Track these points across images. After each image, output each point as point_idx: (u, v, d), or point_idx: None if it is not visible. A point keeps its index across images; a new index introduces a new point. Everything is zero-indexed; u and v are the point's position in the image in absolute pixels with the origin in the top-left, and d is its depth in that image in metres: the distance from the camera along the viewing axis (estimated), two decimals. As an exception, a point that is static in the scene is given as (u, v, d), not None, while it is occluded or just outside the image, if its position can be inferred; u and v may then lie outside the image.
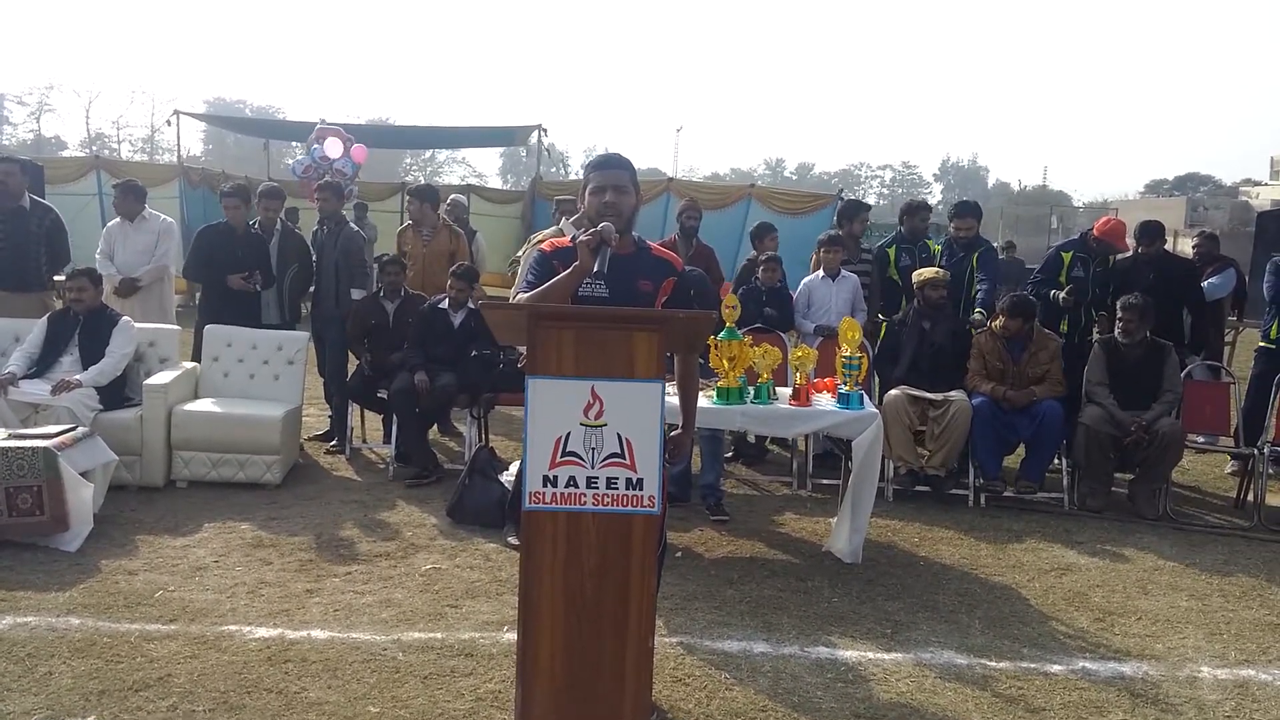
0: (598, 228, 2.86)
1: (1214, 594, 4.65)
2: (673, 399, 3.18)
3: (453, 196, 9.69)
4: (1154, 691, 3.61)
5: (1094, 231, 6.77)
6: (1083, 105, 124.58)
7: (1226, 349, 8.68)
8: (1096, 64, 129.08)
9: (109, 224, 7.07)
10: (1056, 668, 3.77)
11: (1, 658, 3.45)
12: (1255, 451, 5.94)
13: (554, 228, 6.61)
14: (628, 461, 2.59)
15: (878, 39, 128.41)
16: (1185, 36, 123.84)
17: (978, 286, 6.65)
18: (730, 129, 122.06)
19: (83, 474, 4.71)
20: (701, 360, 4.76)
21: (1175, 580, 4.81)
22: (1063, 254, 6.82)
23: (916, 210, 7.40)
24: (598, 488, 2.59)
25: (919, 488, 6.03)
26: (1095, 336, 6.71)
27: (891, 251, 7.16)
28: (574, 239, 2.94)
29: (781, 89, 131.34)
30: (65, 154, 45.50)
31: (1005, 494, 5.95)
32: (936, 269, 6.38)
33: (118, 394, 5.65)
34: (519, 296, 3.08)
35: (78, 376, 5.46)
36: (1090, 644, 4.02)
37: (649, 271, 3.05)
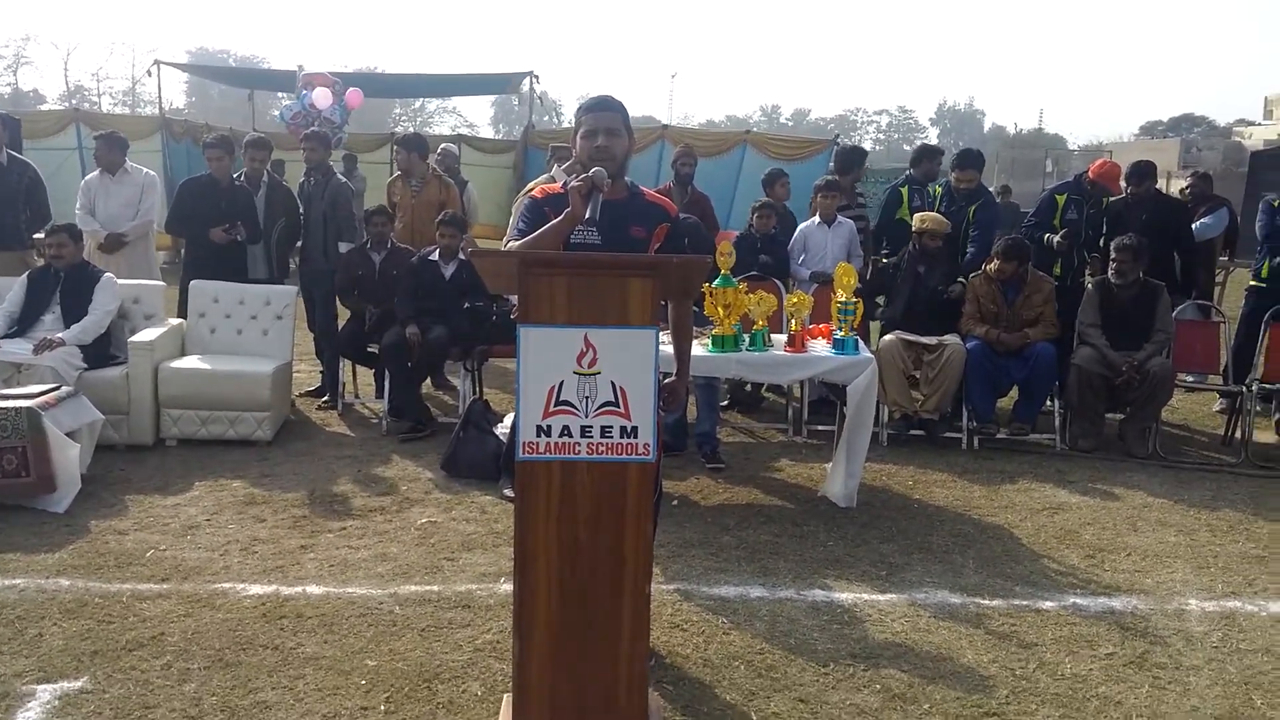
0: (589, 173, 2.79)
1: (1201, 529, 4.69)
2: (667, 347, 3.14)
3: (444, 145, 9.51)
4: (1143, 624, 3.66)
5: (1089, 174, 6.71)
6: (1078, 47, 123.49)
7: (1217, 288, 8.68)
8: (1092, 5, 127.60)
9: (87, 177, 6.92)
10: (1048, 604, 3.80)
11: (-6, 618, 3.43)
12: (1243, 389, 5.95)
13: (545, 175, 6.51)
14: (622, 410, 2.55)
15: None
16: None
17: (969, 247, 6.49)
18: (725, 75, 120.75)
19: (68, 434, 4.66)
20: (696, 308, 4.70)
21: (1164, 516, 4.84)
22: (1056, 197, 6.75)
23: (931, 155, 7.25)
24: (592, 436, 2.55)
25: (913, 432, 6.02)
26: (1088, 278, 6.69)
27: (904, 191, 7.00)
28: (565, 185, 2.87)
29: (777, 34, 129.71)
30: (44, 108, 44.70)
31: (998, 436, 5.96)
32: (939, 217, 6.25)
33: (103, 352, 5.57)
34: (509, 245, 3.02)
35: (60, 335, 5.38)
36: (1081, 580, 4.06)
37: (642, 217, 2.99)
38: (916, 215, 6.31)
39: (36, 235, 6.65)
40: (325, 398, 6.64)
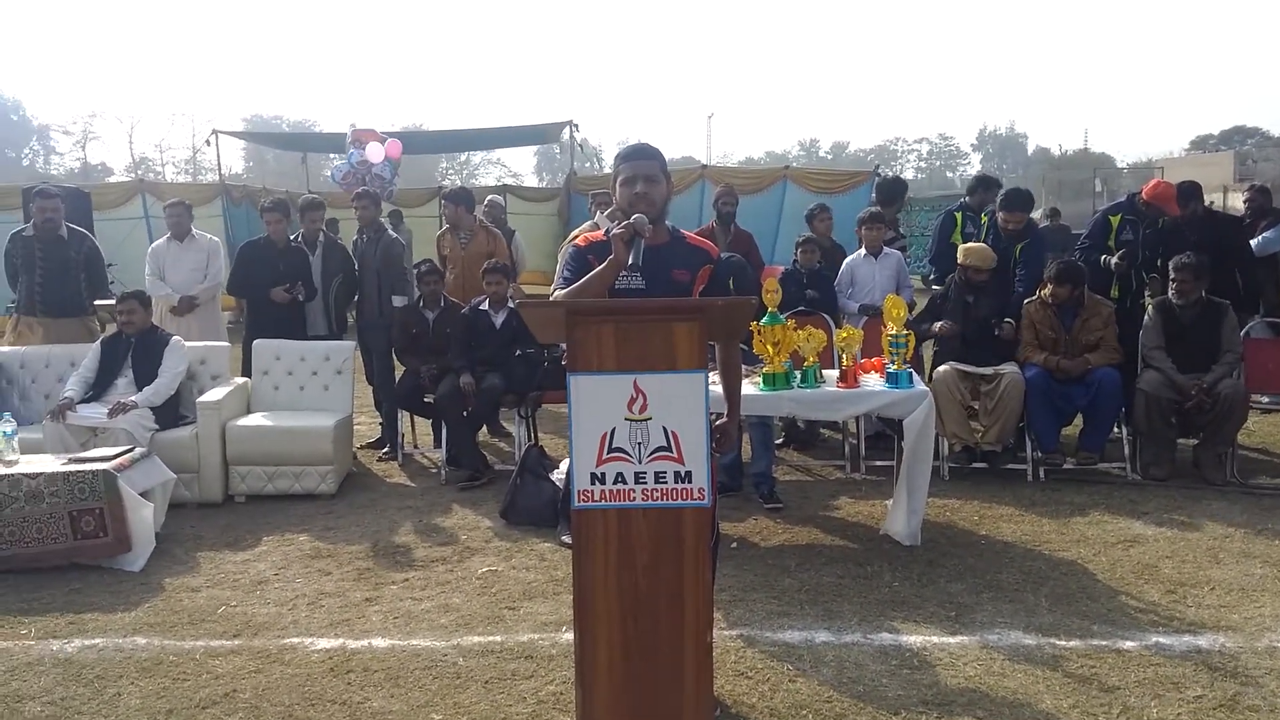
0: (630, 219, 2.83)
1: (1289, 559, 4.50)
2: (716, 388, 3.14)
3: (490, 198, 9.69)
4: (1232, 664, 3.49)
5: (1143, 195, 6.58)
6: (1120, 64, 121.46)
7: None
8: (1131, 20, 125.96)
9: (154, 244, 7.22)
10: (1129, 644, 3.66)
11: (71, 681, 3.52)
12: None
13: (589, 222, 6.59)
14: (675, 454, 2.56)
15: (907, 11, 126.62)
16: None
17: (1018, 286, 6.33)
18: (762, 112, 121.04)
19: (142, 494, 4.80)
20: (745, 346, 4.70)
21: (1247, 547, 4.66)
22: (1110, 218, 6.64)
23: (988, 185, 7.15)
24: (646, 482, 2.56)
25: (975, 464, 5.91)
26: (1148, 300, 6.54)
27: (959, 217, 6.92)
28: (607, 232, 2.91)
29: (812, 68, 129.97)
30: (111, 180, 46.51)
31: (1065, 466, 5.82)
32: (985, 250, 6.17)
33: (173, 413, 5.75)
34: (556, 294, 3.06)
35: (133, 398, 5.56)
36: (1163, 617, 3.91)
37: (685, 261, 3.01)
38: (962, 248, 6.23)
39: (97, 302, 6.92)
40: (385, 449, 6.75)
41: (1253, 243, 7.37)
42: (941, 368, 5.93)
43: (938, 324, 6.04)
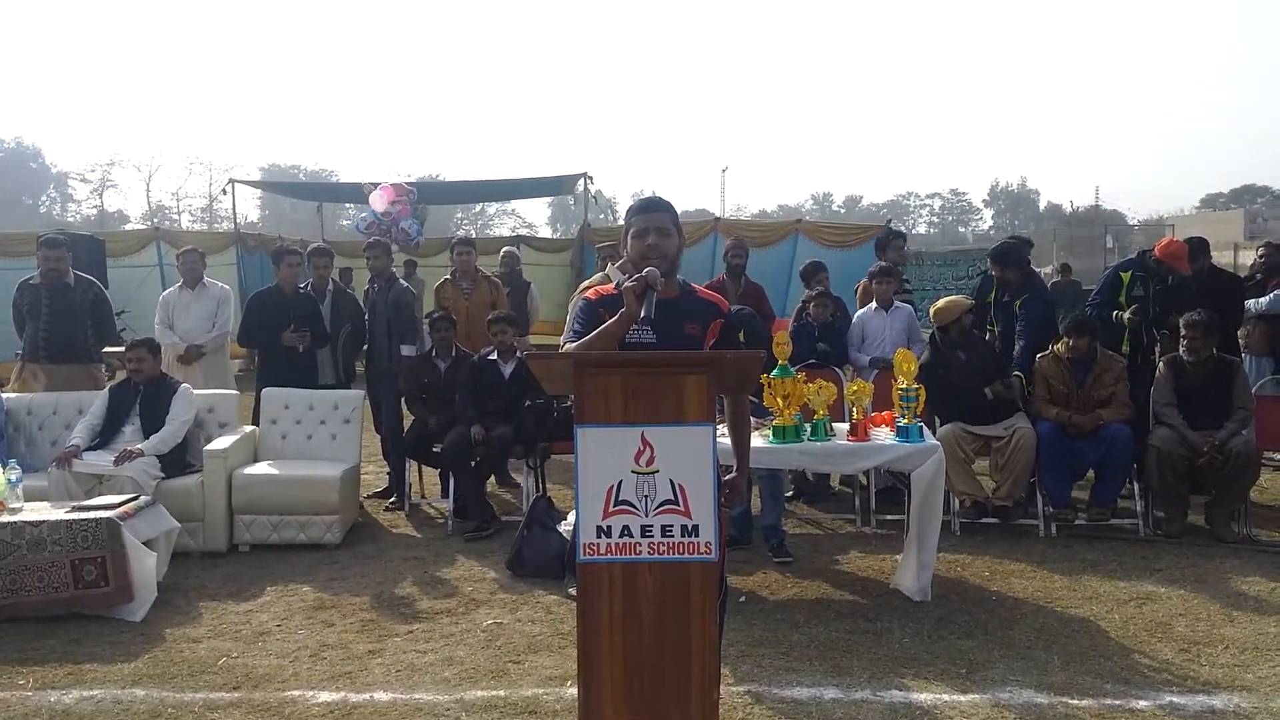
0: (642, 273, 2.83)
1: (1305, 619, 4.43)
2: (724, 440, 3.12)
3: (506, 249, 9.68)
4: (1250, 726, 3.43)
5: (1155, 252, 6.59)
6: (1131, 122, 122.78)
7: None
8: (1142, 79, 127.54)
9: (165, 293, 7.28)
10: (1142, 703, 3.60)
11: (70, 731, 3.47)
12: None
13: (600, 274, 6.62)
14: (682, 508, 2.53)
15: (921, 67, 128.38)
16: (1229, 44, 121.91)
17: (1018, 340, 6.32)
18: (776, 165, 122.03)
19: (146, 542, 4.77)
20: (755, 399, 4.69)
21: (1261, 606, 4.59)
22: (1121, 274, 6.64)
23: (1006, 257, 7.03)
24: (653, 536, 2.53)
25: (986, 519, 5.85)
26: (1158, 356, 6.51)
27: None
28: (619, 285, 2.91)
29: (826, 123, 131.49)
30: (127, 228, 47.03)
31: (1077, 522, 5.76)
32: (965, 299, 6.22)
33: (179, 461, 5.74)
34: (566, 346, 3.06)
35: (139, 446, 5.56)
36: (1176, 676, 3.84)
37: (696, 314, 3.01)
38: (934, 305, 6.27)
39: (106, 349, 6.95)
40: (392, 499, 6.72)
41: (1264, 300, 7.36)
42: (945, 426, 5.89)
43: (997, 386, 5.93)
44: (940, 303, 6.24)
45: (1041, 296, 6.68)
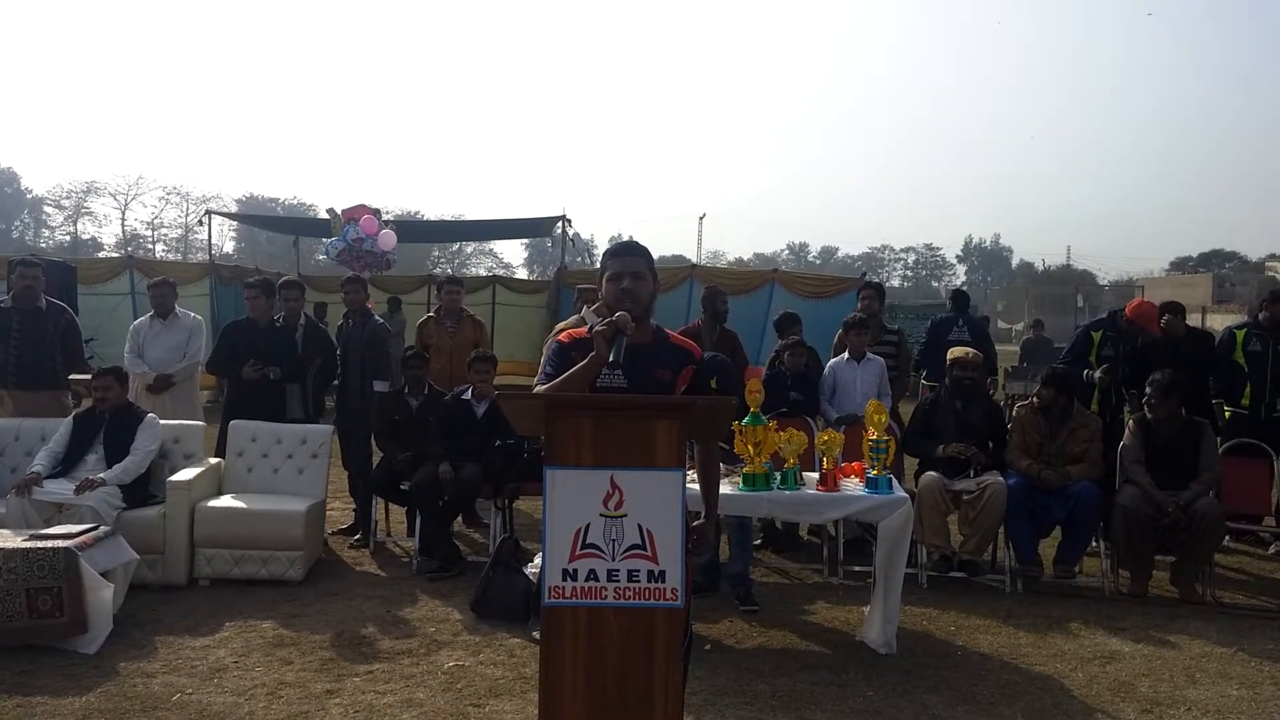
0: (614, 317, 2.85)
1: (1265, 681, 4.45)
2: (694, 486, 3.12)
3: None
4: (1211, 789, 3.43)
5: (1126, 313, 6.71)
6: (1103, 186, 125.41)
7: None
8: (1115, 146, 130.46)
9: (136, 322, 7.20)
10: (1106, 764, 3.59)
11: (14, 766, 3.38)
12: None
13: (575, 316, 6.64)
14: (649, 553, 2.52)
15: (898, 123, 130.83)
16: (1204, 112, 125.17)
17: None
18: (753, 214, 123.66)
19: (104, 574, 4.67)
20: (726, 446, 4.70)
21: (1224, 668, 4.61)
22: (1092, 333, 6.77)
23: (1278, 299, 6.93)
24: (619, 580, 2.52)
25: (953, 574, 5.86)
26: (1127, 415, 6.60)
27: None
28: (591, 328, 2.92)
29: (804, 174, 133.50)
30: (101, 255, 46.59)
31: (1043, 579, 5.78)
32: (968, 350, 6.35)
33: (141, 491, 5.64)
34: (537, 389, 3.06)
35: (101, 475, 5.47)
36: (1141, 738, 3.84)
37: (668, 360, 3.02)
38: (950, 350, 6.40)
39: (72, 376, 6.86)
40: (357, 536, 6.64)
41: None
42: (928, 475, 5.92)
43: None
44: (957, 351, 6.38)
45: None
